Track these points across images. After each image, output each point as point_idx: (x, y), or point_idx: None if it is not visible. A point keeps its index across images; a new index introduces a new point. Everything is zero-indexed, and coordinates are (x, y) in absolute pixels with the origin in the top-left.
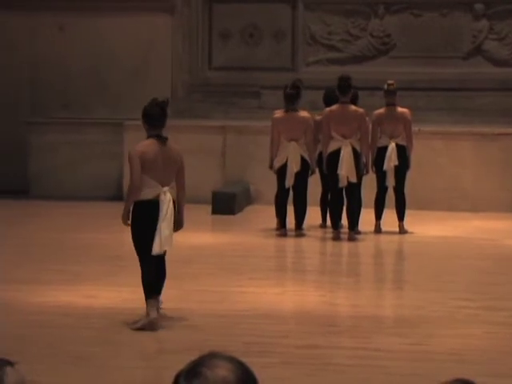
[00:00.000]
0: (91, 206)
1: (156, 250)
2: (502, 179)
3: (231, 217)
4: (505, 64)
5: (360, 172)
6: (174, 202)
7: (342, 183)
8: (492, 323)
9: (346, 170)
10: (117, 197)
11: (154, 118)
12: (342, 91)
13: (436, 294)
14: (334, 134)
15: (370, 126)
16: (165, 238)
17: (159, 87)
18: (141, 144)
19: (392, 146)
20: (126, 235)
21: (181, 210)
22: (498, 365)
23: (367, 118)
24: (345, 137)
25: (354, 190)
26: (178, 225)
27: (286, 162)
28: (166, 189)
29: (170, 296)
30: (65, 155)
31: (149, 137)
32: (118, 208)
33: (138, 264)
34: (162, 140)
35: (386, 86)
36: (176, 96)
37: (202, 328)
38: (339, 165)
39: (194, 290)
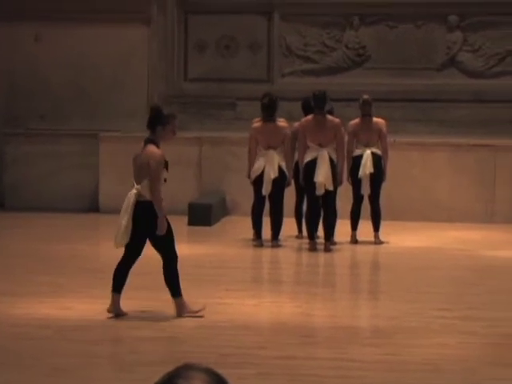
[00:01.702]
0: (67, 218)
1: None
2: (477, 190)
3: (207, 228)
4: (479, 75)
5: (336, 181)
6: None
7: (319, 191)
8: (467, 333)
9: (322, 177)
10: (92, 208)
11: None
12: (318, 106)
13: (411, 305)
14: (310, 143)
15: (346, 137)
16: (119, 233)
17: (135, 98)
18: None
19: (367, 154)
20: (103, 247)
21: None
22: (474, 375)
23: (343, 129)
24: (321, 146)
25: (330, 200)
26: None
27: (263, 171)
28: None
29: (147, 307)
30: (41, 166)
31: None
32: (94, 219)
33: None
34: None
35: (361, 100)
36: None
37: (179, 339)
38: (316, 172)
39: (171, 301)
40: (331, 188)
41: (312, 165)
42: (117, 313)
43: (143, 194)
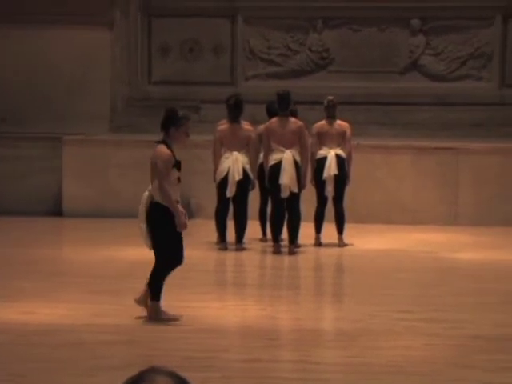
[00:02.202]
0: (30, 222)
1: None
2: (441, 192)
3: None
4: (441, 79)
5: (301, 183)
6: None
7: (285, 193)
8: (431, 335)
9: (287, 180)
10: (56, 212)
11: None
12: (282, 107)
13: (375, 307)
14: (274, 145)
15: (310, 140)
16: (143, 237)
17: (99, 101)
18: None
19: (331, 155)
20: (66, 251)
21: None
22: (438, 376)
23: (306, 132)
24: (286, 148)
25: (295, 202)
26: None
27: (227, 174)
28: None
29: (110, 311)
30: (3, 170)
31: None
32: (57, 223)
33: (77, 280)
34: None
35: (326, 102)
36: (115, 110)
37: (143, 343)
38: (281, 174)
39: (135, 305)
40: (296, 190)
41: (277, 167)
42: (165, 319)
43: (153, 194)
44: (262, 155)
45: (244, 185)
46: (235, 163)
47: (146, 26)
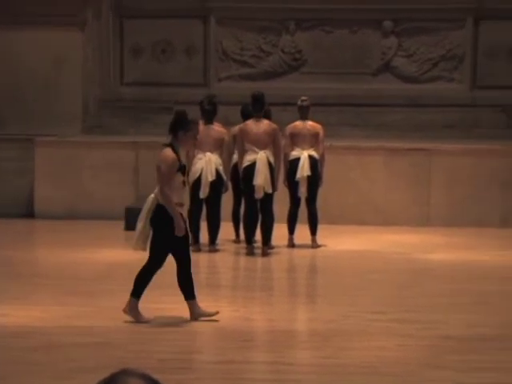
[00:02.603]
0: (2, 224)
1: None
2: (413, 193)
3: None
4: (413, 80)
5: (274, 184)
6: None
7: (259, 194)
8: (404, 336)
9: (261, 181)
10: (28, 213)
11: None
12: (256, 109)
13: (349, 308)
14: (248, 146)
15: (283, 141)
16: (135, 237)
17: (71, 103)
18: None
19: (305, 156)
20: (39, 253)
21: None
22: (411, 377)
23: (280, 134)
24: (260, 149)
25: (269, 203)
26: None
27: (200, 175)
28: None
29: (84, 313)
30: None
31: None
32: (29, 225)
33: (51, 283)
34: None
35: (299, 102)
36: (87, 112)
37: (116, 345)
38: (255, 176)
39: (109, 306)
40: (270, 191)
41: (251, 168)
42: (134, 318)
43: (158, 197)
44: (235, 156)
45: (217, 186)
46: (208, 164)
47: (118, 27)
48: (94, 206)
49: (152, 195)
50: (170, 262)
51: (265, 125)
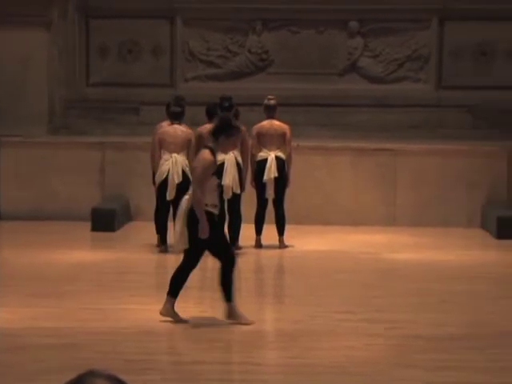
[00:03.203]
0: None
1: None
2: (380, 193)
3: (111, 233)
4: (379, 81)
5: (242, 185)
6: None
7: (227, 194)
8: (373, 335)
9: (230, 181)
10: None
11: None
12: (226, 111)
13: (316, 308)
14: None
15: (250, 142)
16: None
17: (37, 103)
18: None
19: (272, 157)
20: (5, 254)
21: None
22: (380, 376)
23: (248, 135)
24: None
25: (236, 204)
26: None
27: (167, 177)
28: None
29: (50, 314)
30: None
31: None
32: None
33: (17, 284)
34: None
35: (266, 101)
36: (53, 112)
37: (83, 346)
38: (223, 176)
39: (75, 307)
40: (238, 191)
41: (219, 169)
42: (172, 317)
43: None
44: None
45: (184, 187)
46: (175, 166)
47: (84, 27)
48: (60, 207)
49: (186, 196)
50: (133, 262)
51: None
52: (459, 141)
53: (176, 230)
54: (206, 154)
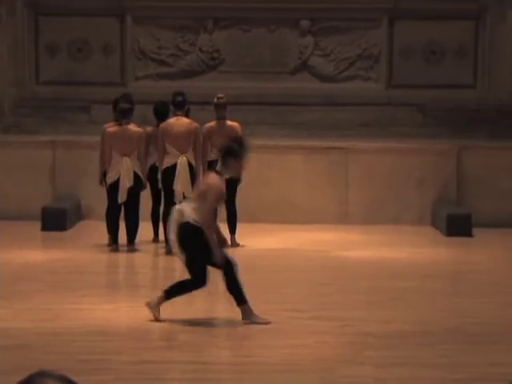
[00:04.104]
0: None
1: None
2: (332, 191)
3: (62, 233)
4: (330, 80)
5: (194, 185)
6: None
7: (178, 199)
8: (323, 333)
9: (181, 186)
10: None
11: None
12: (178, 107)
13: (267, 306)
14: (169, 148)
15: (202, 140)
16: None
17: None
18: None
19: None
20: None
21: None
22: (329, 373)
23: (200, 133)
24: (181, 151)
25: None
26: None
27: (119, 177)
28: None
29: (0, 315)
30: None
31: None
32: None
33: None
34: None
35: (216, 100)
36: (2, 111)
37: (34, 347)
38: (175, 180)
39: (25, 308)
40: (190, 195)
41: (171, 171)
42: (153, 313)
43: (191, 217)
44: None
45: (135, 189)
46: (126, 170)
47: (33, 25)
48: (10, 206)
49: (178, 207)
50: (84, 262)
51: (186, 124)
52: (410, 139)
53: (173, 240)
54: (216, 179)
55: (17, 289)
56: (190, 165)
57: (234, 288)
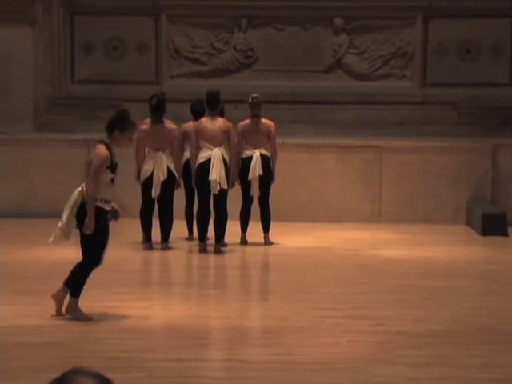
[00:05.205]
0: None
1: None
2: (364, 190)
3: None
4: (364, 78)
5: (229, 181)
6: None
7: (215, 190)
8: (355, 332)
9: (217, 176)
10: None
11: None
12: (211, 106)
13: (301, 305)
14: (203, 143)
15: (236, 139)
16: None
17: (21, 101)
18: None
19: (256, 155)
20: None
21: None
22: (362, 373)
23: (234, 131)
24: (214, 146)
25: (223, 200)
26: None
27: (152, 174)
28: None
29: (32, 312)
30: None
31: None
32: None
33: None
34: None
35: (250, 99)
36: (38, 109)
37: (66, 344)
38: (210, 171)
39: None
40: (226, 186)
41: (206, 165)
42: (76, 316)
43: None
44: (186, 154)
45: (169, 185)
46: (159, 164)
47: (69, 24)
48: (42, 204)
49: (78, 189)
50: (118, 260)
51: (220, 122)
52: (444, 137)
53: (62, 222)
54: (101, 148)
55: (49, 286)
56: (224, 159)
57: (76, 279)
